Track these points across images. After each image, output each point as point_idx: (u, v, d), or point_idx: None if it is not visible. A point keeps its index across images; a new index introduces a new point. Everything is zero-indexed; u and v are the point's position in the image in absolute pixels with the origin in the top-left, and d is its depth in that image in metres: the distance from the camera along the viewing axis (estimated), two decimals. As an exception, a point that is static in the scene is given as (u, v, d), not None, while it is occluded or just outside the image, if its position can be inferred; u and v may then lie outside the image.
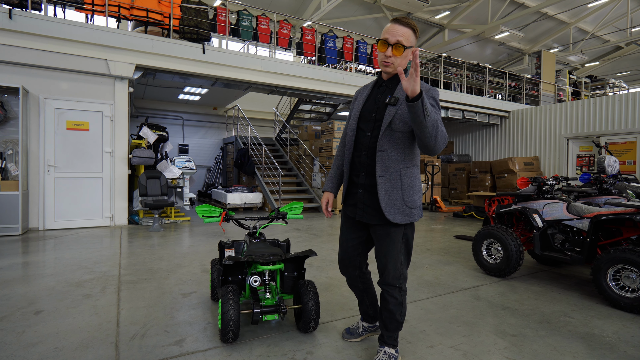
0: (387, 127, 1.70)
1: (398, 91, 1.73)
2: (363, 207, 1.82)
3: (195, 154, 13.13)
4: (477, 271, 3.81)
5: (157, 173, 6.50)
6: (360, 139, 1.81)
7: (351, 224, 1.96)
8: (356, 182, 1.85)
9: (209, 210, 2.73)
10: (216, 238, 5.56)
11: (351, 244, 1.96)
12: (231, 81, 7.99)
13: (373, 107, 1.79)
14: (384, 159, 1.71)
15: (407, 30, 1.68)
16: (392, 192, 1.72)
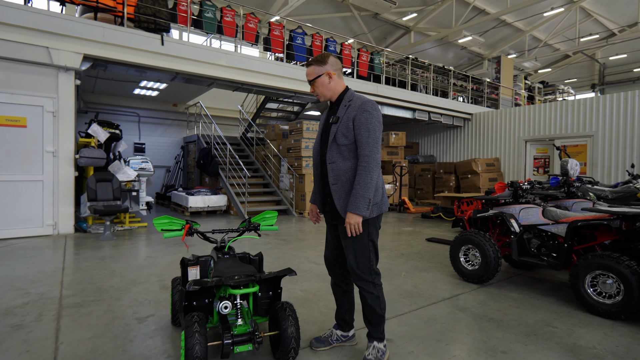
0: (332, 142, 2.00)
1: (340, 110, 2.03)
2: (330, 211, 2.10)
3: (153, 154, 12.31)
4: (455, 277, 3.72)
5: (109, 175, 5.89)
6: (322, 157, 2.12)
7: (330, 228, 2.23)
8: (324, 192, 2.14)
9: (169, 222, 2.37)
10: (177, 247, 5.10)
11: (333, 243, 2.21)
12: (193, 76, 7.48)
13: (326, 127, 2.12)
14: (334, 170, 2.00)
15: (310, 68, 2.06)
16: (344, 196, 1.99)
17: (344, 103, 2.02)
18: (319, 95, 2.07)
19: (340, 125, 1.97)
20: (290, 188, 9.04)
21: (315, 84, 2.03)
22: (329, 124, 2.08)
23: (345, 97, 2.04)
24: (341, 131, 1.96)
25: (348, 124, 1.95)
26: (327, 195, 2.09)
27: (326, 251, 2.26)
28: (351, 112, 1.96)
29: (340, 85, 2.07)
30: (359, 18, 14.48)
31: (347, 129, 1.95)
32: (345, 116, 1.97)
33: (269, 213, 2.59)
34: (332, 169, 2.00)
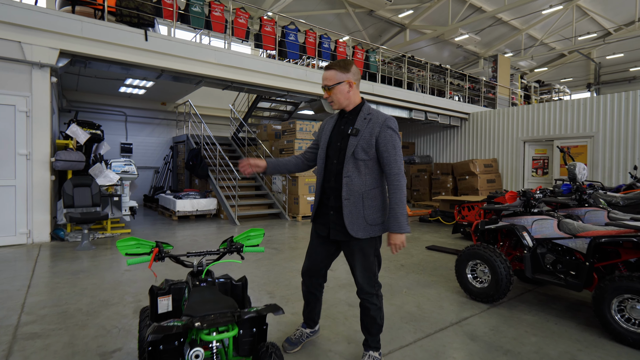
0: (350, 156, 1.93)
1: (358, 123, 1.95)
2: (335, 226, 2.02)
3: (141, 154, 11.87)
4: (461, 295, 3.41)
5: (87, 180, 5.49)
6: (329, 166, 2.04)
7: (322, 240, 2.15)
8: (327, 204, 2.06)
9: (135, 244, 2.02)
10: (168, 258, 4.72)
11: (320, 257, 2.17)
12: (180, 74, 7.08)
13: (338, 136, 2.01)
14: (349, 184, 1.94)
15: (330, 72, 1.97)
16: (355, 212, 1.94)
17: (362, 115, 1.97)
18: (335, 102, 2.00)
19: (360, 140, 1.92)
20: (283, 191, 8.69)
21: (334, 90, 1.96)
22: (344, 133, 1.99)
23: (364, 109, 1.99)
24: (361, 146, 1.92)
25: (370, 140, 1.92)
26: (332, 208, 2.01)
27: (308, 262, 2.21)
28: (374, 128, 1.92)
29: (358, 96, 2.02)
30: (353, 15, 14.14)
31: (369, 145, 1.91)
32: (367, 131, 1.93)
33: (254, 231, 2.24)
34: (347, 183, 1.94)
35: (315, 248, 2.17)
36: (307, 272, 2.23)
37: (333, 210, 2.00)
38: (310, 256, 2.20)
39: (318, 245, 2.16)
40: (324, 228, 2.08)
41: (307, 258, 2.22)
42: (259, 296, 3.33)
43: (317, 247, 2.17)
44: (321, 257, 2.17)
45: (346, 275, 4.00)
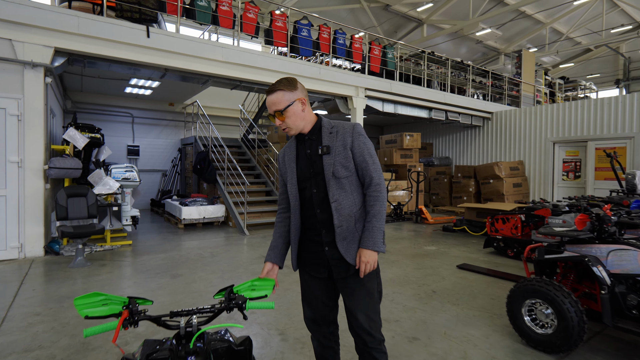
0: (331, 177, 1.67)
1: (325, 139, 1.70)
2: (336, 263, 1.70)
3: (149, 157, 11.47)
4: (515, 339, 2.80)
5: (83, 189, 5.03)
6: (308, 199, 1.73)
7: (317, 282, 1.80)
8: (318, 240, 1.74)
9: (100, 302, 1.49)
10: (169, 278, 4.23)
11: (321, 300, 1.80)
12: (185, 73, 6.60)
13: (307, 163, 1.73)
14: (339, 209, 1.66)
15: (277, 95, 1.64)
16: (349, 237, 1.67)
17: (326, 131, 1.71)
18: (290, 127, 1.68)
19: (336, 156, 1.67)
20: (295, 197, 8.14)
21: (287, 113, 1.65)
22: (314, 156, 1.71)
23: (324, 124, 1.72)
24: (339, 162, 1.67)
25: (345, 153, 1.67)
26: (326, 243, 1.70)
27: (308, 310, 1.83)
28: (345, 139, 1.68)
29: (312, 114, 1.75)
30: (368, 10, 13.50)
31: (346, 159, 1.67)
32: (338, 144, 1.68)
33: (262, 281, 1.70)
34: (336, 208, 1.66)
35: (313, 292, 1.80)
36: (312, 322, 1.83)
37: (328, 246, 1.69)
38: (310, 303, 1.82)
39: (316, 289, 1.80)
40: (320, 269, 1.74)
41: (307, 306, 1.83)
42: (267, 337, 2.78)
43: (314, 290, 1.80)
44: (323, 301, 1.79)
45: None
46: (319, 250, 1.71)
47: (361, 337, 1.68)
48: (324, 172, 1.66)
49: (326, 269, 1.71)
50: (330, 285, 1.78)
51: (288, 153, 1.78)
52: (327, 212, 1.67)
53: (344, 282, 1.70)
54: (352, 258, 1.64)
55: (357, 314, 1.66)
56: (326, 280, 1.77)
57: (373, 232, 1.62)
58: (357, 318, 1.67)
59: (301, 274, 1.83)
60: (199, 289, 3.90)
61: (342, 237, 1.65)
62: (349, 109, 8.61)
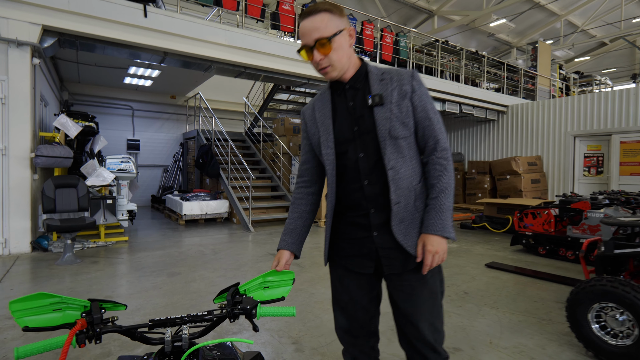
0: (387, 136, 1.21)
1: (375, 87, 1.23)
2: (388, 253, 1.24)
3: (149, 151, 11.07)
4: (578, 350, 2.32)
5: (73, 179, 4.60)
6: (350, 166, 1.26)
7: (357, 280, 1.32)
8: (363, 223, 1.26)
9: (49, 305, 1.04)
10: (165, 276, 3.78)
11: (361, 305, 1.33)
12: (186, 57, 6.16)
13: (350, 118, 1.26)
14: (396, 180, 1.21)
15: (321, 17, 1.18)
16: (408, 220, 1.22)
17: (375, 77, 1.25)
18: (333, 66, 1.20)
19: (393, 108, 1.21)
20: (302, 192, 7.68)
21: (333, 43, 1.18)
22: (360, 109, 1.24)
23: (372, 70, 1.27)
24: (397, 117, 1.22)
25: (404, 105, 1.22)
26: (375, 227, 1.25)
27: (342, 318, 1.36)
28: (404, 87, 1.22)
29: (356, 56, 1.29)
30: (377, 0, 13.04)
31: (405, 113, 1.23)
32: (394, 93, 1.22)
33: (277, 275, 1.24)
34: (393, 178, 1.21)
35: (350, 294, 1.34)
36: (347, 334, 1.36)
37: (377, 230, 1.24)
38: (345, 309, 1.35)
39: (354, 289, 1.33)
40: (365, 262, 1.29)
41: (340, 312, 1.37)
42: (278, 347, 2.32)
43: (352, 291, 1.34)
44: (364, 305, 1.33)
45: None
46: (364, 236, 1.26)
47: (421, 353, 1.24)
48: (376, 129, 1.21)
49: (373, 261, 1.27)
50: (375, 284, 1.33)
51: (319, 108, 1.32)
52: (379, 183, 1.23)
53: (399, 280, 1.25)
54: (412, 246, 1.21)
55: (418, 322, 1.23)
56: (370, 278, 1.32)
57: (442, 212, 1.19)
58: (417, 328, 1.23)
59: (334, 270, 1.37)
60: (199, 288, 3.46)
61: (399, 219, 1.21)
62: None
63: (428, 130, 1.23)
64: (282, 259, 1.28)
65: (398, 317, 1.27)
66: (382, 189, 1.22)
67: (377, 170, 1.22)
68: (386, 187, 1.21)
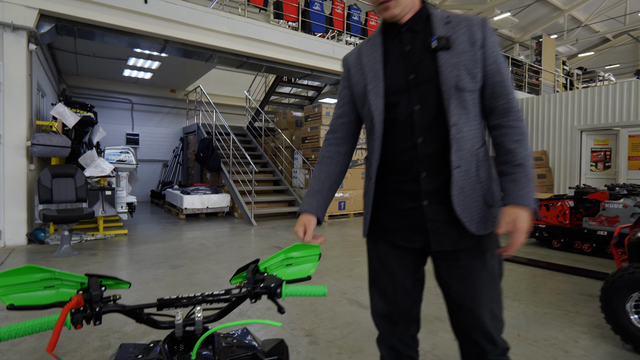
0: (452, 87, 1.00)
1: (439, 29, 1.04)
2: (438, 227, 1.05)
3: (149, 146, 10.89)
4: (614, 343, 2.16)
5: (70, 169, 4.43)
6: (402, 121, 1.07)
7: (401, 258, 1.14)
8: (412, 190, 1.07)
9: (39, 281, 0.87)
10: (167, 269, 3.62)
11: (404, 287, 1.15)
12: (187, 45, 5.99)
13: (405, 65, 1.06)
14: (458, 139, 1.02)
15: None
16: (469, 189, 1.02)
17: (439, 20, 1.04)
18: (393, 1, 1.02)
19: (461, 55, 1.00)
20: (306, 185, 7.53)
21: None
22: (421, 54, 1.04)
23: (435, 12, 1.07)
24: (465, 65, 1.00)
25: (474, 53, 1.00)
26: (425, 194, 1.05)
27: (380, 302, 1.18)
28: (474, 33, 1.01)
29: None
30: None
31: (474, 62, 1.01)
32: (463, 38, 1.01)
33: (301, 248, 1.07)
34: (455, 137, 1.01)
35: (392, 274, 1.15)
36: (385, 319, 1.18)
37: (429, 198, 1.06)
38: (384, 291, 1.17)
39: (397, 268, 1.14)
40: (412, 235, 1.10)
41: (379, 295, 1.19)
42: (291, 340, 2.16)
43: (394, 271, 1.15)
44: (406, 288, 1.15)
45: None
46: (412, 206, 1.08)
47: (478, 344, 1.06)
48: (439, 78, 1.02)
49: (422, 235, 1.08)
50: (420, 265, 1.16)
51: (367, 52, 1.12)
52: (436, 142, 1.04)
53: (453, 260, 1.07)
54: (472, 222, 1.02)
55: (475, 309, 1.05)
56: (415, 257, 1.14)
57: (530, 181, 1.01)
58: (474, 315, 1.05)
59: (374, 246, 1.19)
60: (202, 280, 3.29)
61: (459, 187, 1.01)
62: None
63: (499, 86, 1.03)
64: (309, 225, 1.12)
65: (451, 302, 1.11)
66: (438, 149, 1.04)
67: (435, 127, 1.04)
68: (444, 147, 1.03)
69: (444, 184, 1.04)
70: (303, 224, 1.12)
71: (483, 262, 1.06)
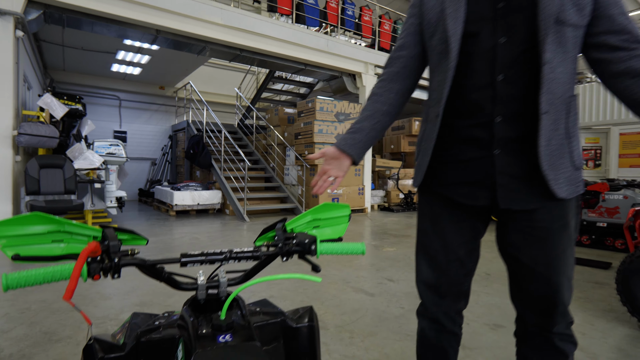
0: (552, 20, 0.83)
1: None
2: (508, 182, 0.91)
3: (137, 144, 10.64)
4: (631, 325, 2.14)
5: (59, 160, 4.25)
6: (481, 53, 0.90)
7: (458, 219, 1.00)
8: (482, 138, 0.92)
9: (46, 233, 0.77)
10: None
11: (456, 256, 1.01)
12: (179, 36, 5.85)
13: None
14: (550, 80, 0.85)
15: None
16: (556, 142, 0.87)
17: None
18: None
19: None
20: (299, 182, 7.44)
21: None
22: None
23: None
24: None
25: None
26: (499, 141, 0.90)
27: (428, 271, 1.05)
28: None
29: None
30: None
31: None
32: None
33: (329, 211, 0.99)
34: (548, 77, 0.84)
35: (445, 239, 1.02)
36: (432, 290, 1.05)
37: (501, 147, 0.91)
38: (435, 258, 1.04)
39: (452, 234, 1.02)
40: (476, 191, 0.96)
41: (427, 262, 1.06)
42: (300, 325, 2.07)
43: (448, 236, 1.02)
44: (460, 256, 1.02)
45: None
46: (479, 155, 0.93)
47: (548, 314, 0.94)
48: (536, 6, 0.85)
49: (488, 191, 0.93)
50: (480, 231, 1.03)
51: None
52: (520, 83, 0.88)
53: (528, 220, 0.93)
54: (556, 180, 0.87)
55: (552, 275, 0.92)
56: (475, 222, 1.01)
57: None
58: (551, 282, 0.92)
59: (427, 205, 1.06)
60: (200, 271, 3.17)
61: (547, 137, 0.86)
62: (357, 87, 7.95)
63: (619, 19, 0.84)
64: (340, 164, 1.01)
65: (520, 269, 0.97)
66: (522, 90, 0.88)
67: (521, 64, 0.88)
68: (530, 89, 0.87)
69: (523, 133, 0.90)
70: (335, 158, 1.01)
71: (564, 223, 0.93)
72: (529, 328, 0.99)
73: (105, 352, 0.75)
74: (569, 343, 0.96)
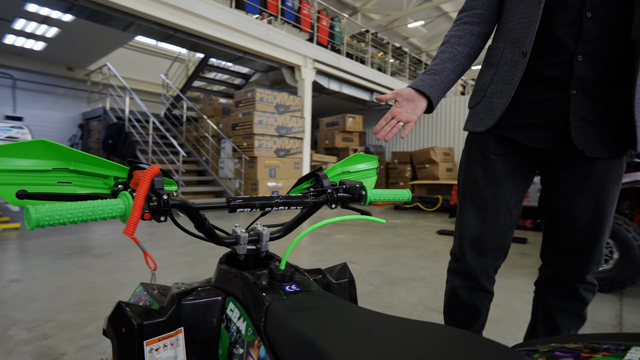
0: None
1: None
2: (580, 124, 0.87)
3: (38, 132, 9.13)
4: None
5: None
6: None
7: (514, 167, 0.98)
8: (553, 77, 0.88)
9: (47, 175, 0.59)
10: (91, 257, 2.98)
11: (507, 207, 0.99)
12: (103, 6, 5.14)
13: None
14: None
15: None
16: None
17: None
18: None
19: None
20: (237, 175, 7.13)
21: None
22: None
23: None
24: None
25: None
26: (577, 81, 0.86)
27: (475, 221, 1.01)
28: None
29: None
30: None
31: None
32: None
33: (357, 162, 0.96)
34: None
35: (499, 187, 0.99)
36: (474, 244, 1.02)
37: (579, 87, 0.87)
38: (485, 209, 1.00)
39: (505, 183, 0.98)
40: (545, 133, 0.92)
41: (476, 214, 1.01)
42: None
43: (501, 183, 0.98)
44: (510, 208, 1.00)
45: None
46: (552, 96, 0.89)
47: (586, 262, 0.96)
48: None
49: (556, 132, 0.90)
50: (530, 178, 1.02)
51: None
52: (610, 20, 0.83)
53: (587, 169, 0.91)
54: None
55: (598, 225, 0.93)
56: (530, 166, 0.99)
57: None
58: (595, 232, 0.93)
59: (479, 149, 1.03)
60: (140, 265, 2.82)
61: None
62: (295, 80, 7.91)
63: None
64: (416, 105, 0.91)
65: (564, 220, 0.95)
66: (609, 30, 0.83)
67: (612, 2, 0.82)
68: (620, 30, 0.82)
69: (605, 76, 0.86)
70: (406, 101, 0.90)
71: (618, 176, 0.92)
72: (560, 277, 1.01)
73: (142, 319, 0.61)
74: (591, 292, 1.01)
